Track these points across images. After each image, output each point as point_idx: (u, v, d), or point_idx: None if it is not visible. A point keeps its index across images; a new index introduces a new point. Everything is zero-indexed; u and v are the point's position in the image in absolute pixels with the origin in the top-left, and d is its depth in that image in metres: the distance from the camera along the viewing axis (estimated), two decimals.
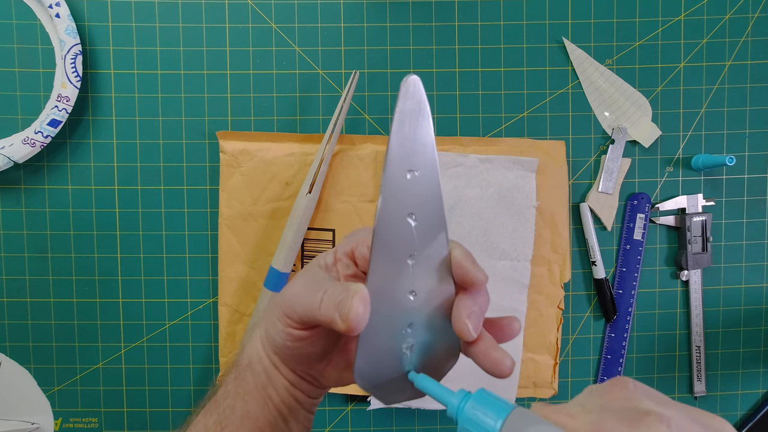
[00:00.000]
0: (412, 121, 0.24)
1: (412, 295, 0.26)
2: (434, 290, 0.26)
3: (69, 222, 0.53)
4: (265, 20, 0.52)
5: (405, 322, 0.26)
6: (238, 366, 0.31)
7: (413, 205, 0.25)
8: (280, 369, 0.30)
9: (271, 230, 0.52)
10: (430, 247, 0.26)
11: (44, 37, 0.51)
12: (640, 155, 0.54)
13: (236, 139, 0.51)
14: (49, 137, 0.49)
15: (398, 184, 0.25)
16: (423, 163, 0.25)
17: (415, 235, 0.25)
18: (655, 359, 0.55)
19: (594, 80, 0.53)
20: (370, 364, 0.26)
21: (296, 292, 0.27)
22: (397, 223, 0.25)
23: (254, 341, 0.31)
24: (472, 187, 0.52)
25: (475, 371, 0.28)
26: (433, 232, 0.26)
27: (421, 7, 0.53)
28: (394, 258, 0.25)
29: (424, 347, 0.27)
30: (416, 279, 0.26)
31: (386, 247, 0.25)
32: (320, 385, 0.31)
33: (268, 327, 0.29)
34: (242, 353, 0.31)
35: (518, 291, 0.52)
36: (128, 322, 0.53)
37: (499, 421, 0.22)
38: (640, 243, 0.54)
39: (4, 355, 0.53)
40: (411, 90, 0.24)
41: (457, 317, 0.26)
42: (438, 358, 0.27)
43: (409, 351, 0.27)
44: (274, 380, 0.30)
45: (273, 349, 0.29)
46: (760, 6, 0.53)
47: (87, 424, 0.54)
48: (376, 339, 0.26)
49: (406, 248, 0.25)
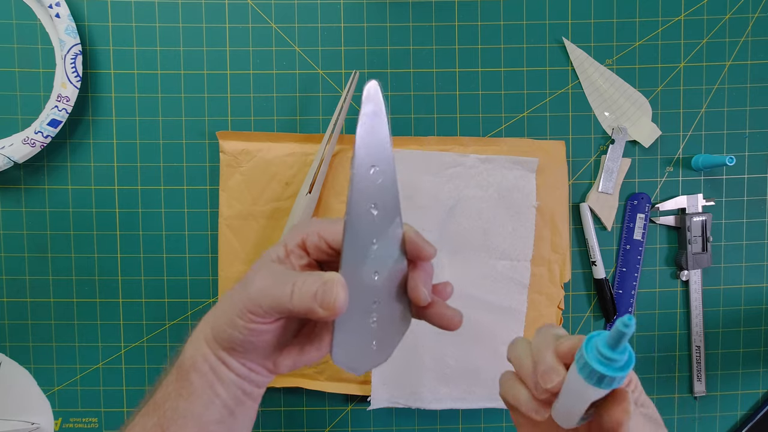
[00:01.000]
0: (373, 122, 0.28)
1: (376, 275, 0.29)
2: (392, 268, 0.30)
3: (69, 222, 0.53)
4: (265, 20, 0.52)
5: (371, 300, 0.29)
6: (180, 367, 0.32)
7: (375, 195, 0.28)
8: (230, 365, 0.31)
9: (271, 230, 0.52)
10: (389, 230, 0.29)
11: (44, 37, 0.51)
12: (640, 155, 0.54)
13: (236, 139, 0.51)
14: (49, 137, 0.49)
15: (364, 178, 0.28)
16: (382, 158, 0.28)
17: (377, 221, 0.28)
18: (655, 359, 0.55)
19: (594, 80, 0.53)
20: (346, 343, 0.28)
21: (259, 288, 0.29)
22: (364, 212, 0.28)
23: (197, 342, 0.32)
24: (472, 187, 0.52)
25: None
26: (390, 217, 0.29)
27: (421, 7, 0.53)
28: (362, 244, 0.28)
29: (385, 319, 0.30)
30: (378, 259, 0.29)
31: (355, 235, 0.28)
32: (271, 373, 0.33)
33: (220, 326, 0.30)
34: (183, 354, 0.32)
35: (518, 291, 0.52)
36: (128, 322, 0.53)
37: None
38: (640, 243, 0.54)
39: (4, 355, 0.53)
40: (371, 94, 0.28)
41: (414, 287, 0.30)
42: (395, 327, 0.31)
43: (374, 324, 0.30)
44: (222, 377, 0.31)
45: (225, 345, 0.31)
46: (760, 6, 0.53)
47: (87, 424, 0.54)
48: (350, 319, 0.28)
49: (371, 234, 0.28)
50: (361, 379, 0.53)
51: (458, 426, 0.55)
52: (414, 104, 0.53)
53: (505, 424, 0.55)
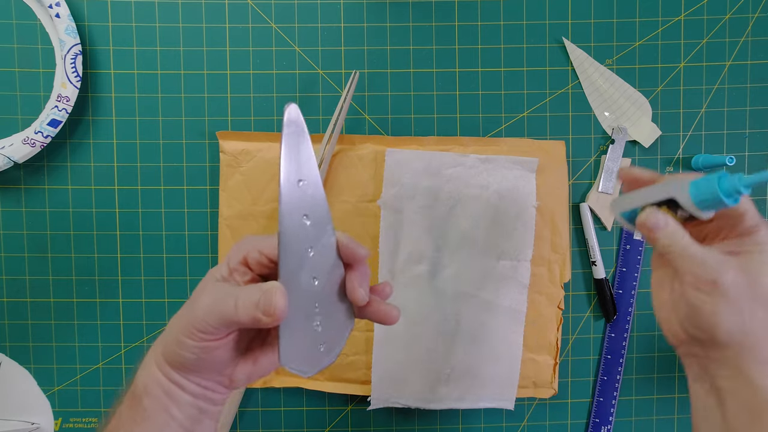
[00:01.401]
0: (295, 141, 0.30)
1: (315, 281, 0.31)
2: (330, 272, 0.32)
3: (69, 222, 0.53)
4: (265, 20, 0.52)
5: (313, 305, 0.31)
6: (133, 393, 0.32)
7: (306, 206, 0.30)
8: (183, 386, 0.32)
9: (271, 230, 0.52)
10: (323, 238, 0.31)
11: (44, 37, 0.51)
12: (640, 155, 0.54)
13: (236, 139, 0.51)
14: (49, 137, 0.49)
15: (292, 191, 0.30)
16: (308, 173, 0.31)
17: (310, 230, 0.31)
18: (655, 359, 0.55)
19: (594, 80, 0.53)
20: (293, 347, 0.30)
21: (205, 305, 0.30)
22: (296, 223, 0.30)
23: (148, 367, 0.32)
24: (472, 187, 0.52)
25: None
26: (323, 225, 0.31)
27: (421, 7, 0.53)
28: (298, 252, 0.30)
29: (328, 321, 0.32)
30: (316, 266, 0.31)
31: (290, 244, 0.30)
32: (227, 388, 0.34)
33: (170, 348, 0.31)
34: (135, 381, 0.33)
35: (518, 291, 0.52)
36: (128, 322, 0.53)
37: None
38: (640, 243, 0.54)
39: (4, 355, 0.53)
40: (292, 116, 0.30)
41: (352, 288, 0.32)
42: (339, 328, 0.32)
43: (319, 327, 0.31)
44: (176, 399, 0.32)
45: (178, 366, 0.31)
46: (760, 6, 0.53)
47: (87, 424, 0.54)
48: (294, 324, 0.30)
49: (306, 242, 0.30)
50: (361, 379, 0.53)
51: (458, 426, 0.55)
52: (414, 104, 0.53)
53: (505, 424, 0.55)
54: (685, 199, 0.33)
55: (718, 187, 0.32)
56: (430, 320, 0.52)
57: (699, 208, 0.33)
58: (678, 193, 0.34)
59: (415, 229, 0.52)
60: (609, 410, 0.55)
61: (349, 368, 0.52)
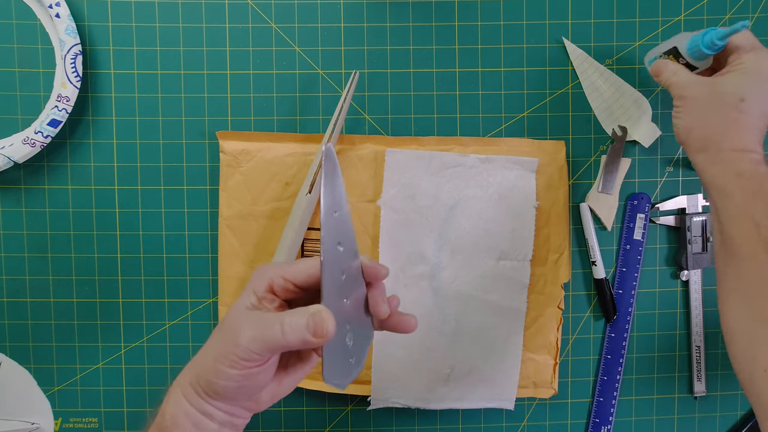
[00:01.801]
0: (332, 178, 0.33)
1: (346, 300, 0.34)
2: (356, 292, 0.35)
3: (69, 222, 0.53)
4: (265, 20, 0.52)
5: (345, 323, 0.33)
6: (160, 427, 0.34)
7: (339, 234, 0.33)
8: (212, 415, 0.33)
9: (271, 230, 0.52)
10: (352, 261, 0.34)
11: (44, 37, 0.51)
12: (640, 155, 0.54)
13: (236, 139, 0.51)
14: (49, 137, 0.49)
15: (330, 222, 0.33)
16: (341, 204, 0.34)
17: (343, 256, 0.33)
18: (655, 359, 0.55)
19: (594, 80, 0.53)
20: (333, 364, 0.32)
21: (248, 334, 0.31)
22: (333, 250, 0.33)
23: (175, 399, 0.34)
24: (472, 187, 0.52)
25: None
26: (352, 250, 0.34)
27: (421, 7, 0.53)
28: (336, 276, 0.33)
29: (356, 336, 0.35)
30: (347, 287, 0.34)
31: (330, 270, 0.32)
32: (251, 412, 0.36)
33: (206, 378, 0.33)
34: (163, 414, 0.34)
35: (518, 291, 0.52)
36: (128, 322, 0.53)
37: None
38: (640, 243, 0.54)
39: (4, 355, 0.53)
40: (330, 155, 0.33)
41: (375, 304, 0.35)
42: (364, 342, 0.36)
43: (350, 342, 0.34)
44: (204, 428, 0.33)
45: (213, 396, 0.33)
46: (760, 6, 0.53)
47: (87, 424, 0.54)
48: (333, 343, 0.32)
49: (340, 267, 0.33)
50: (361, 379, 0.53)
51: (458, 426, 0.55)
52: (414, 104, 0.53)
53: (505, 424, 0.55)
54: (682, 48, 0.43)
55: (701, 41, 0.41)
56: (430, 320, 0.52)
57: (690, 56, 0.43)
58: (679, 43, 0.43)
59: (415, 229, 0.52)
60: (609, 410, 0.55)
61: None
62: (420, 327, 0.52)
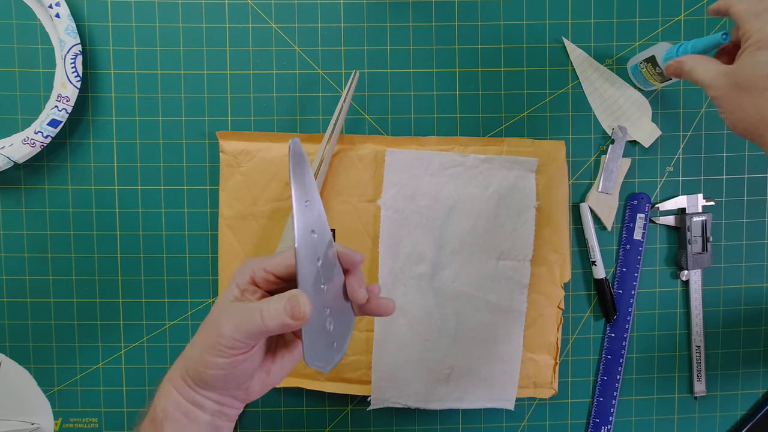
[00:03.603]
0: (301, 170, 0.34)
1: (324, 286, 0.35)
2: (334, 279, 0.36)
3: (69, 222, 0.53)
4: (265, 20, 0.52)
5: (324, 308, 0.35)
6: (153, 420, 0.35)
7: (312, 223, 0.34)
8: (203, 405, 0.34)
9: (271, 230, 0.52)
10: (327, 249, 0.35)
11: (44, 37, 0.51)
12: (640, 155, 0.54)
13: (236, 139, 0.51)
14: (49, 137, 0.49)
15: (302, 212, 0.34)
16: (311, 195, 0.35)
17: (317, 243, 0.34)
18: (655, 359, 0.55)
19: (594, 80, 0.53)
20: (313, 347, 0.34)
21: (230, 324, 0.33)
22: (308, 238, 0.34)
23: (166, 392, 0.35)
24: (472, 187, 0.52)
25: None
26: (325, 238, 0.35)
27: (421, 7, 0.53)
28: (310, 263, 0.34)
29: (337, 321, 0.36)
30: (323, 274, 0.35)
31: (304, 257, 0.33)
32: (242, 402, 0.37)
33: (194, 369, 0.34)
34: (155, 408, 0.35)
35: (518, 291, 0.52)
36: (128, 322, 0.53)
37: None
38: (640, 243, 0.54)
39: (4, 355, 0.53)
40: (296, 149, 0.34)
41: (353, 290, 0.36)
42: (345, 326, 0.37)
43: (331, 327, 0.35)
44: (196, 419, 0.34)
45: (202, 385, 0.34)
46: None
47: (87, 424, 0.54)
48: (313, 327, 0.34)
49: (315, 254, 0.34)
50: (361, 379, 0.53)
51: (458, 426, 0.55)
52: (414, 104, 0.53)
53: (505, 424, 0.55)
54: (659, 58, 0.46)
55: (675, 53, 0.44)
56: (430, 320, 0.52)
57: (663, 67, 0.46)
58: (657, 52, 0.47)
59: (415, 229, 0.52)
60: (609, 410, 0.55)
61: (349, 368, 0.53)
62: (420, 327, 0.52)
